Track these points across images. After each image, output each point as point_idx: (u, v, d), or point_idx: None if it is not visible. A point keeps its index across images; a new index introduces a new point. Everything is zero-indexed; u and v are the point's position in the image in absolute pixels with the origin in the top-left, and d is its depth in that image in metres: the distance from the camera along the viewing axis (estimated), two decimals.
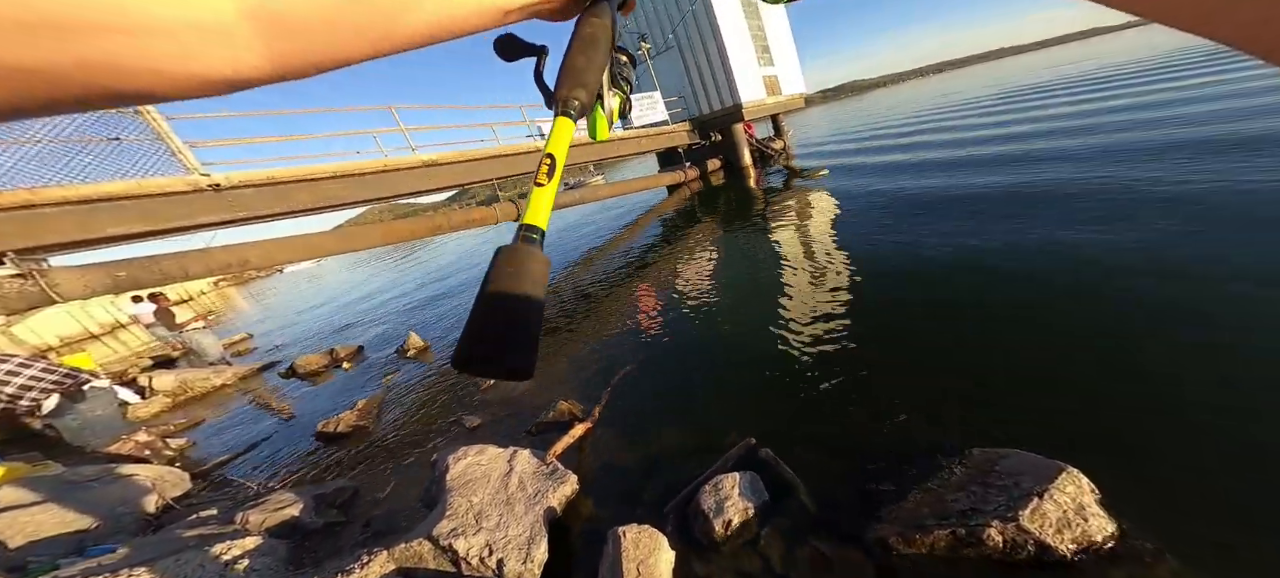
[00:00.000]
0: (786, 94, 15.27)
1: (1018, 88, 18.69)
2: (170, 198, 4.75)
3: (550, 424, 3.07)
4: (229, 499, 3.23)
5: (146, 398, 6.28)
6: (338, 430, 3.88)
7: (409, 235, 6.53)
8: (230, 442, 4.49)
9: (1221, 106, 6.81)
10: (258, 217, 5.60)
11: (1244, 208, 3.48)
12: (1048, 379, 2.33)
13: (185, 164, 4.90)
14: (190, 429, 5.20)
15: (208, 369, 7.12)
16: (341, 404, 4.52)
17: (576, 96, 0.38)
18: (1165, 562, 1.45)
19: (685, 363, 3.55)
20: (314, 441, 3.94)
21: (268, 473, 3.61)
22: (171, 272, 4.88)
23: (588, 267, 7.76)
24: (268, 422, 4.82)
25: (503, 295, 0.29)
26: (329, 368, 6.19)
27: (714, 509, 1.95)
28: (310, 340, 8.66)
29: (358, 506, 2.83)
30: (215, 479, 3.71)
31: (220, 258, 5.20)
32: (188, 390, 6.52)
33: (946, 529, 1.66)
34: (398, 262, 19.80)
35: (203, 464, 4.02)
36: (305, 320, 11.53)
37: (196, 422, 5.41)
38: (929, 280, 3.76)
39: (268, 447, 4.16)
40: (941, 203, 5.70)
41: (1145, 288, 2.83)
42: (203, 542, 2.31)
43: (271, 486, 3.32)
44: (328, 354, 6.52)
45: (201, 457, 4.30)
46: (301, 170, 5.71)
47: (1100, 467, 1.69)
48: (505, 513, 2.12)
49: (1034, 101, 13.98)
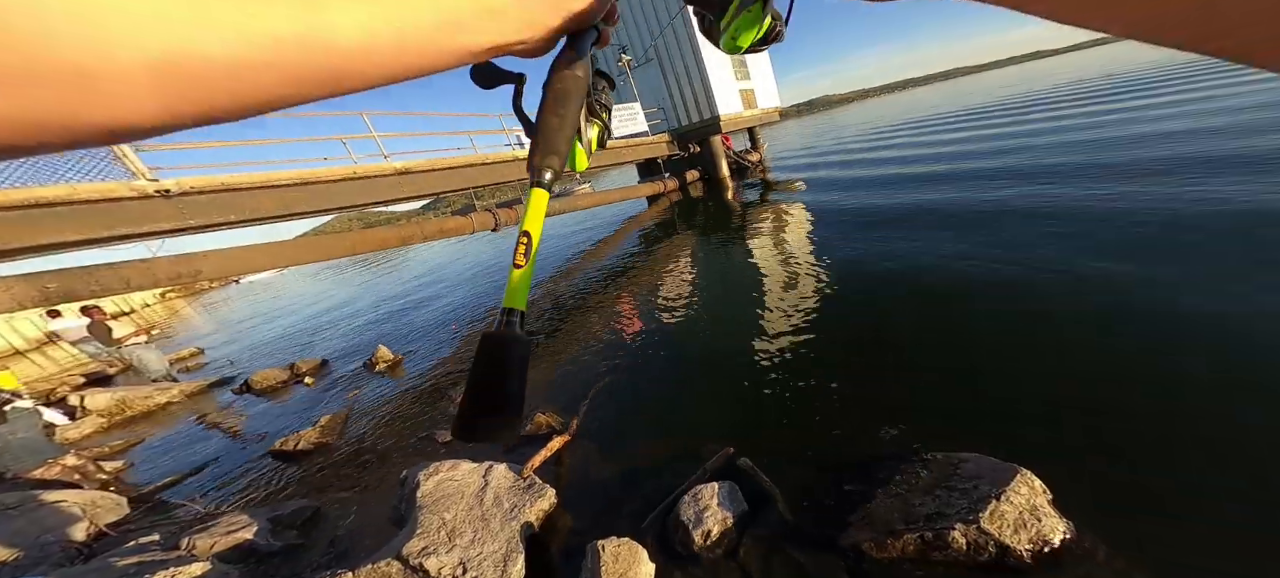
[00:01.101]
0: (762, 108, 15.85)
1: (979, 106, 19.71)
2: (112, 204, 4.45)
3: (527, 438, 3.00)
4: (173, 524, 2.98)
5: (77, 419, 5.76)
6: (298, 448, 3.67)
7: (379, 245, 6.33)
8: (175, 463, 4.17)
9: (1140, 131, 7.42)
10: (212, 225, 5.31)
11: (1175, 223, 3.79)
12: (1004, 383, 2.47)
13: (130, 168, 4.62)
14: (129, 451, 4.80)
15: (150, 387, 6.62)
16: (302, 421, 4.28)
17: (549, 166, 0.38)
18: (1115, 559, 1.55)
19: (664, 373, 3.57)
20: (271, 460, 3.71)
21: (218, 495, 3.36)
22: (110, 283, 4.53)
23: (567, 277, 7.71)
24: (219, 441, 4.50)
25: (489, 379, 0.34)
26: (289, 384, 5.86)
27: (693, 520, 1.96)
28: (269, 355, 8.19)
29: (320, 526, 2.67)
30: (157, 503, 3.42)
31: (167, 268, 4.85)
32: (126, 410, 6.03)
33: (915, 533, 1.71)
34: (366, 272, 19.08)
35: (142, 488, 3.71)
36: (263, 334, 10.91)
37: (136, 443, 5.00)
38: (897, 292, 3.93)
39: (218, 468, 3.88)
40: (909, 216, 5.98)
41: (1095, 299, 3.04)
42: (141, 570, 2.12)
43: (222, 508, 3.10)
44: (288, 369, 6.17)
45: (141, 480, 3.97)
46: (261, 177, 5.47)
47: (1052, 468, 1.79)
48: (480, 529, 2.05)
49: (992, 120, 14.65)
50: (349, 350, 6.80)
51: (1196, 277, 2.98)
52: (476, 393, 0.33)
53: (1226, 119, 6.93)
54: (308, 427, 3.90)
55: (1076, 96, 15.01)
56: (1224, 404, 2.02)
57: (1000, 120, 13.94)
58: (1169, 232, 3.68)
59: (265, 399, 5.52)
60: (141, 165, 4.67)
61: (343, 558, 2.29)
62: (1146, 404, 2.12)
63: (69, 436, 5.42)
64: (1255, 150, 5.16)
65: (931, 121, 18.33)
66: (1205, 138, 6.16)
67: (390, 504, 2.54)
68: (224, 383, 6.77)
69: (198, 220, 5.07)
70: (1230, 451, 1.83)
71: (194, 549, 2.38)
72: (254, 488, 3.34)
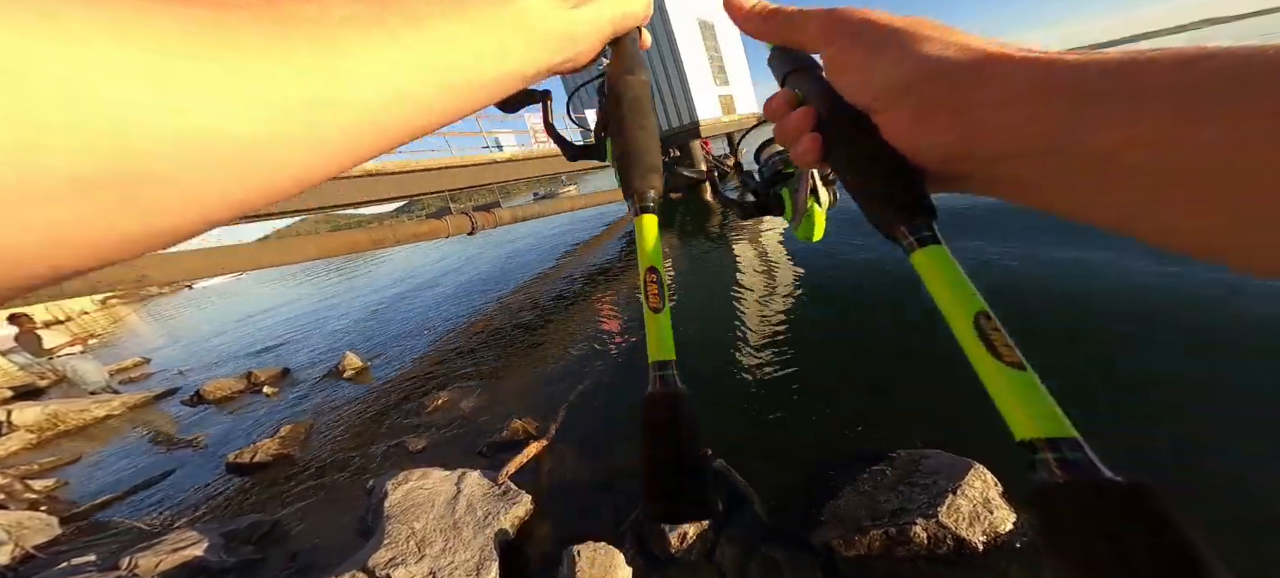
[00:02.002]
0: (741, 113, 16.16)
1: None
2: None
3: (503, 444, 2.95)
4: (113, 543, 2.77)
5: (2, 435, 5.28)
6: (255, 460, 3.47)
7: (348, 249, 6.10)
8: (116, 480, 3.87)
9: None
10: None
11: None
12: (963, 379, 2.59)
13: None
14: (62, 468, 4.43)
15: (87, 399, 6.13)
16: (260, 432, 4.06)
17: (652, 186, 0.33)
18: None
19: (643, 377, 3.54)
20: (226, 473, 3.50)
21: (165, 512, 3.14)
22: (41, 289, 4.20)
23: (545, 281, 7.64)
24: (166, 455, 4.22)
25: (667, 449, 0.27)
26: (246, 393, 5.55)
27: (670, 523, 1.96)
28: (223, 363, 7.73)
29: (279, 540, 2.53)
30: (93, 522, 3.17)
31: (108, 273, 4.53)
32: (59, 424, 5.57)
33: (880, 529, 1.77)
34: (334, 277, 18.33)
35: (77, 506, 3.43)
36: (217, 341, 10.29)
37: (71, 460, 4.62)
38: (866, 295, 4.07)
39: (165, 483, 3.63)
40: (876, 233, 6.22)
41: (1053, 296, 3.24)
42: None
43: (168, 524, 2.89)
44: (244, 378, 5.85)
45: (76, 498, 3.67)
46: None
47: (1002, 461, 1.87)
48: (452, 538, 2.00)
49: None
50: (314, 358, 6.51)
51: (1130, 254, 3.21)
52: (658, 468, 0.27)
53: None
54: (266, 437, 3.70)
55: None
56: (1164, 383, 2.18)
57: None
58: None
59: (219, 410, 5.20)
60: None
61: (304, 573, 2.18)
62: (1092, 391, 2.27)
63: None
64: None
65: None
66: None
67: (356, 515, 2.44)
68: (172, 394, 6.35)
69: None
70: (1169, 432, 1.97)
71: (136, 569, 2.21)
72: (206, 503, 3.14)
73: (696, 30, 14.03)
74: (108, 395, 6.34)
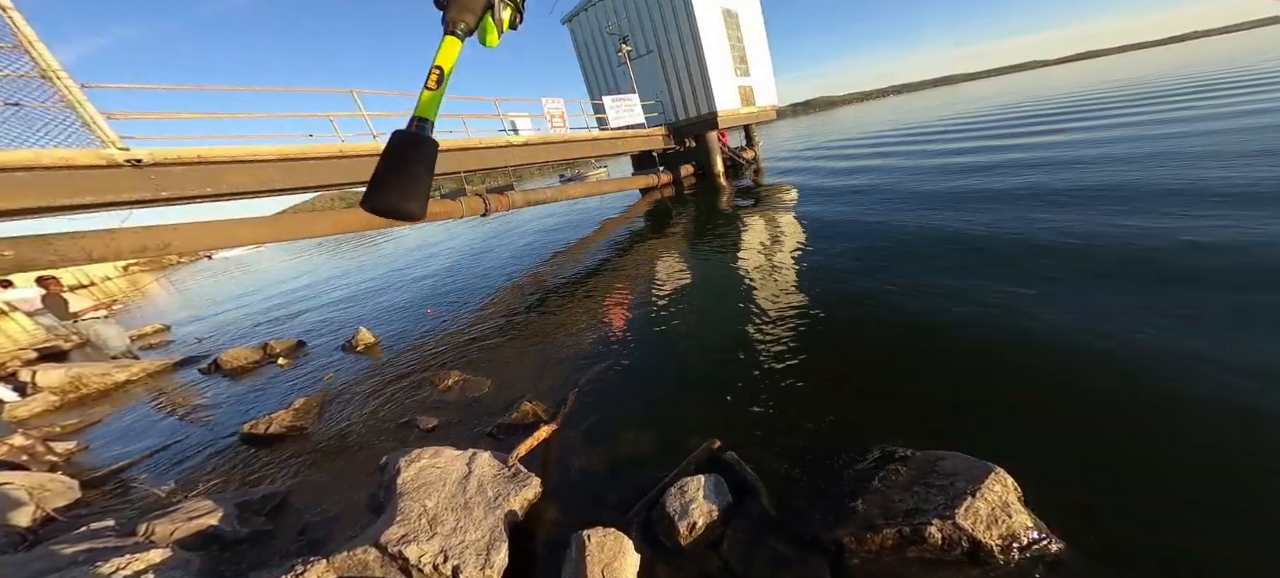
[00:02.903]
0: (760, 105, 15.77)
1: (971, 114, 19.63)
2: (79, 171, 4.21)
3: (513, 426, 2.95)
4: (130, 509, 2.84)
5: (27, 396, 5.44)
6: (269, 432, 3.53)
7: (363, 226, 6.14)
8: (134, 446, 3.97)
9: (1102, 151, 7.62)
10: (185, 197, 5.08)
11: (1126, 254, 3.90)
12: (983, 387, 2.53)
13: (100, 136, 4.37)
14: (83, 432, 4.55)
15: (109, 363, 6.28)
16: (275, 404, 4.13)
17: (463, 19, 0.52)
18: (1075, 557, 1.60)
19: (652, 365, 3.56)
20: (240, 443, 3.57)
21: (180, 479, 3.21)
22: (69, 253, 4.29)
23: (556, 266, 7.63)
24: (183, 423, 4.31)
25: (402, 161, 0.45)
26: (261, 364, 5.64)
27: (679, 512, 1.95)
28: (240, 334, 7.87)
29: (291, 513, 2.58)
30: (113, 487, 3.25)
31: (133, 240, 4.63)
32: (82, 387, 5.71)
33: (893, 528, 1.75)
34: (349, 252, 18.53)
35: (96, 471, 3.52)
36: (235, 312, 10.47)
37: (92, 423, 4.75)
38: (883, 295, 3.98)
39: (181, 450, 3.71)
40: (900, 225, 5.97)
41: (1065, 314, 3.12)
42: (93, 557, 2.01)
43: (184, 493, 2.96)
44: (260, 349, 5.95)
45: (96, 462, 3.77)
46: (241, 150, 5.25)
47: (1023, 467, 1.84)
48: (463, 517, 2.01)
49: (982, 129, 14.21)
50: (327, 332, 6.59)
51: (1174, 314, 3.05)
52: (385, 176, 0.46)
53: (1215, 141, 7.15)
54: (281, 410, 3.76)
55: (1071, 110, 15.35)
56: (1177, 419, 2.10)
57: (990, 130, 13.88)
58: (1145, 263, 3.63)
59: (235, 380, 5.30)
60: (112, 133, 4.43)
61: (315, 546, 2.21)
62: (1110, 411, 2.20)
63: (18, 414, 5.11)
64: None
65: (926, 128, 18.56)
66: (1188, 164, 6.37)
67: (368, 491, 2.46)
68: (190, 362, 6.48)
69: (171, 192, 4.83)
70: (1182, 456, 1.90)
71: (152, 535, 2.26)
72: (220, 473, 3.21)
73: (720, 19, 13.70)
74: (128, 361, 6.49)
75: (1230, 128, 7.61)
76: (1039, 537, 1.64)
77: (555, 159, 10.78)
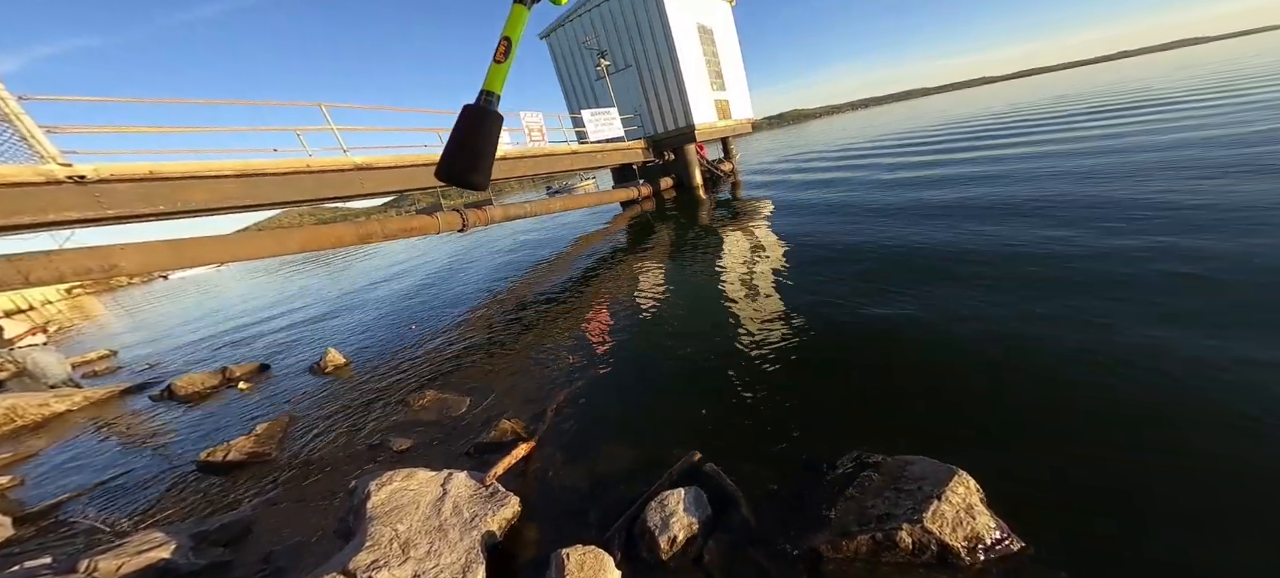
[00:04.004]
0: (736, 118, 16.24)
1: (931, 126, 20.67)
2: (14, 189, 3.97)
3: (491, 445, 2.89)
4: (71, 544, 2.63)
5: None
6: (228, 459, 3.35)
7: (334, 243, 5.96)
8: (76, 479, 3.68)
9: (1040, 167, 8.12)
10: (135, 216, 4.82)
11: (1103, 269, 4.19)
12: (948, 390, 2.64)
13: (39, 151, 4.14)
14: (18, 465, 4.20)
15: (47, 393, 5.84)
16: (235, 430, 3.92)
17: None
18: (1034, 554, 1.67)
19: (632, 379, 3.56)
20: (196, 472, 3.36)
21: (130, 512, 3.00)
22: (5, 276, 4.02)
23: (536, 281, 7.56)
24: (132, 454, 4.03)
25: (469, 134, 0.47)
26: (220, 389, 5.35)
27: (660, 526, 1.95)
28: (197, 358, 7.46)
29: (253, 542, 2.44)
30: (51, 523, 3.01)
31: (75, 262, 4.31)
32: (17, 419, 5.29)
33: (867, 535, 1.78)
34: (319, 270, 17.85)
35: (30, 506, 3.25)
36: (192, 334, 9.92)
37: (27, 456, 4.39)
38: (855, 302, 4.10)
39: (130, 482, 3.47)
40: (870, 235, 6.17)
41: (1033, 320, 3.31)
42: None
43: (132, 525, 2.76)
44: (219, 373, 5.65)
45: (31, 497, 3.48)
46: (195, 166, 5.03)
47: (986, 468, 1.92)
48: (437, 541, 1.95)
49: (945, 140, 14.73)
50: (295, 353, 6.32)
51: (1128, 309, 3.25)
52: (458, 147, 0.47)
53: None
54: (241, 436, 3.57)
55: (1022, 122, 16.33)
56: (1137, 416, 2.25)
57: (953, 141, 14.50)
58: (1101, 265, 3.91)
59: (191, 407, 5.00)
60: (52, 148, 4.19)
61: (280, 575, 2.10)
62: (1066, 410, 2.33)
63: None
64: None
65: (893, 139, 19.35)
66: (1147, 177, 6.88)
67: (336, 517, 2.36)
68: (140, 389, 6.09)
69: (118, 210, 4.58)
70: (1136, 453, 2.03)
71: (95, 571, 2.10)
72: (174, 504, 3.01)
73: (695, 35, 14.14)
74: (70, 389, 6.05)
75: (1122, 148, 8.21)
76: (1001, 537, 1.70)
77: (535, 173, 10.77)
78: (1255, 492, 1.73)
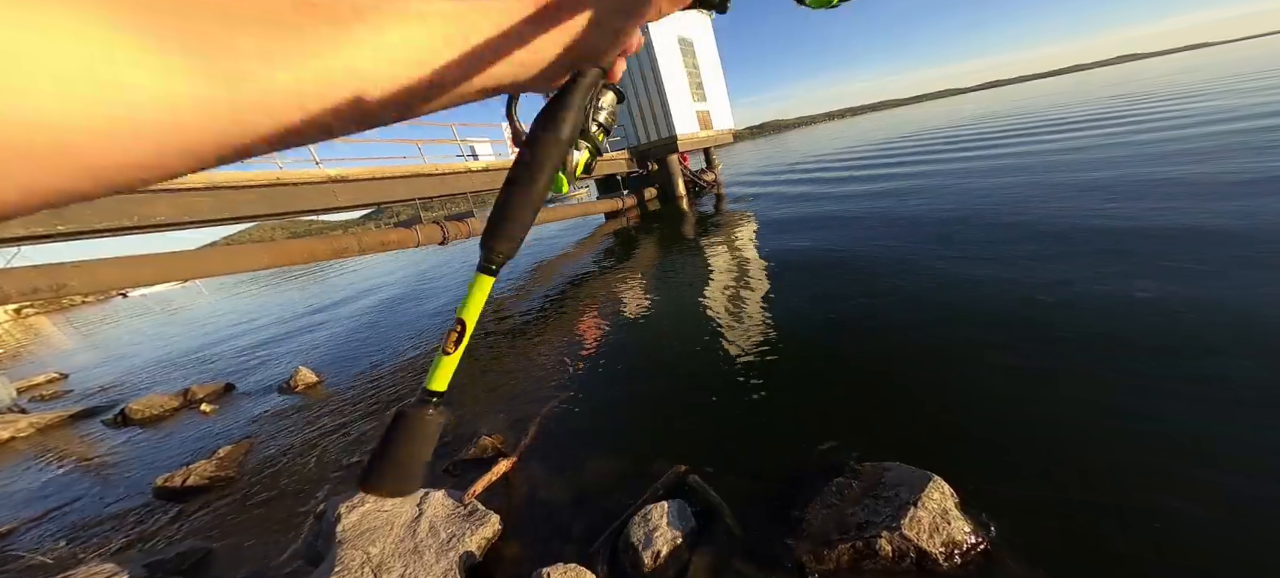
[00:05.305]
0: (717, 129, 16.57)
1: (908, 134, 21.47)
2: None
3: (470, 462, 2.82)
4: None
5: None
6: (187, 484, 3.16)
7: (307, 257, 5.79)
8: (18, 508, 3.42)
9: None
10: (90, 231, 4.58)
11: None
12: (924, 399, 2.69)
13: None
14: None
15: None
16: (196, 453, 3.71)
17: (502, 250, 0.35)
18: (1010, 555, 1.71)
19: (616, 392, 3.53)
20: (153, 499, 3.17)
21: (77, 543, 2.79)
22: None
23: (519, 295, 7.47)
24: (82, 481, 3.78)
25: (403, 446, 0.35)
26: (182, 411, 5.08)
27: (643, 541, 1.92)
28: (157, 379, 7.08)
29: (213, 571, 2.30)
30: None
31: (21, 281, 4.00)
32: None
33: (848, 544, 1.80)
34: (291, 286, 17.25)
35: None
36: (151, 355, 9.43)
37: None
38: (834, 314, 4.16)
39: (78, 511, 3.24)
40: (848, 243, 6.29)
41: (1006, 326, 3.41)
42: None
43: (81, 556, 2.57)
44: (180, 394, 5.36)
45: None
46: None
47: (960, 473, 1.96)
48: (412, 563, 1.88)
49: (925, 146, 15.74)
50: (263, 372, 6.06)
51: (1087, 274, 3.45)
52: (383, 455, 0.34)
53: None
54: (201, 460, 3.38)
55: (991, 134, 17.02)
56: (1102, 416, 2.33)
57: (931, 148, 15.02)
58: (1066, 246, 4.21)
59: (148, 430, 4.73)
60: None
61: None
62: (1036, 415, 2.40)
63: None
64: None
65: (873, 147, 19.89)
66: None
67: (304, 541, 2.25)
68: (92, 413, 5.73)
69: (70, 226, 4.35)
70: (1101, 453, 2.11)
71: None
72: (127, 532, 2.82)
73: (676, 47, 14.46)
74: (14, 415, 5.65)
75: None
76: (976, 541, 1.73)
77: None
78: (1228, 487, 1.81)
